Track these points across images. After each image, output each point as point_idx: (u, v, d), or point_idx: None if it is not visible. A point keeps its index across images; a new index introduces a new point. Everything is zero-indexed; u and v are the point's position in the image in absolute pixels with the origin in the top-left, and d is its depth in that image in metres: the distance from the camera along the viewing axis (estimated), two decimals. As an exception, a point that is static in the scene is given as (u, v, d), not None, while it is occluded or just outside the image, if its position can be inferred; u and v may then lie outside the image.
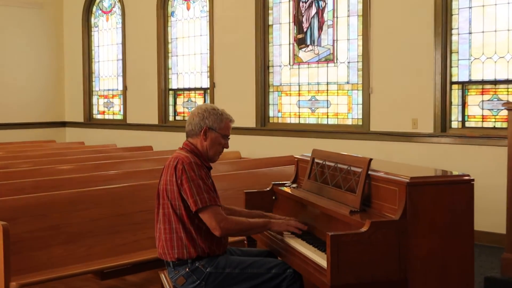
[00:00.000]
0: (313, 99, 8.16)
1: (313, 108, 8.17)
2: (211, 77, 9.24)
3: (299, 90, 8.31)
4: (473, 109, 6.71)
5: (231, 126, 3.44)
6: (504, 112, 6.24)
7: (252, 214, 3.61)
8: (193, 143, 3.38)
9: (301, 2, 8.19)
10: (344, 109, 7.84)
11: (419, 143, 6.98)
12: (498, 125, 6.53)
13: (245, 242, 4.05)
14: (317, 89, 8.11)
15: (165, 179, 3.27)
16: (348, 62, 7.75)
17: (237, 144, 8.10)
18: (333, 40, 7.89)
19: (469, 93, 6.73)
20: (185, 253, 3.23)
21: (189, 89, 9.77)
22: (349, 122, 7.79)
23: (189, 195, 3.16)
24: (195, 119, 3.36)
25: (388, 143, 7.21)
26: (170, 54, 9.99)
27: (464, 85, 6.75)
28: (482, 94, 6.64)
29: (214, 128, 3.35)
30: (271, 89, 8.58)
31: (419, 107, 6.97)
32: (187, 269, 3.25)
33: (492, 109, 6.58)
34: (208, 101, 9.35)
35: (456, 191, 2.91)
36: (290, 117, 8.42)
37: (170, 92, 10.01)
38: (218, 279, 3.24)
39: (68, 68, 11.74)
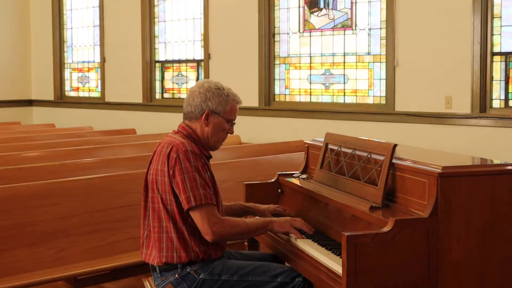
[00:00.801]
0: (327, 73, 8.13)
1: (327, 84, 8.14)
2: (206, 47, 9.20)
3: (310, 63, 8.28)
4: (519, 85, 6.69)
5: (237, 109, 3.44)
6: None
7: (232, 207, 3.63)
8: (192, 127, 3.36)
9: (313, -43, 8.16)
10: (364, 85, 7.81)
11: (454, 125, 6.95)
12: (548, 104, 6.52)
13: (246, 243, 4.05)
14: (332, 61, 8.08)
15: (156, 168, 3.26)
16: (369, 29, 7.71)
17: (236, 127, 8.05)
18: (351, 3, 7.85)
19: (513, 66, 6.72)
20: (175, 257, 3.23)
21: (180, 61, 9.74)
22: (370, 100, 7.76)
23: (182, 190, 3.15)
24: (196, 99, 3.33)
25: (417, 126, 7.18)
26: (156, 20, 9.95)
27: (508, 57, 6.71)
28: (530, 67, 6.62)
29: (218, 112, 3.34)
30: (277, 62, 8.55)
31: (454, 83, 6.94)
32: (176, 275, 3.24)
33: (541, 85, 6.56)
34: (202, 75, 9.33)
35: (497, 183, 2.90)
36: (300, 94, 8.40)
37: (157, 64, 9.98)
38: (213, 288, 3.24)
39: (35, 37, 11.70)
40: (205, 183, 3.20)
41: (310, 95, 8.30)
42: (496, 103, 6.80)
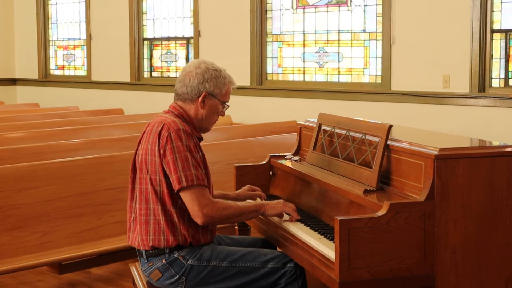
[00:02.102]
0: (321, 51, 8.10)
1: (321, 63, 8.12)
2: (196, 24, 9.16)
3: (304, 40, 8.25)
4: (519, 64, 6.69)
5: (231, 91, 3.43)
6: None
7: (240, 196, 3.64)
8: (185, 108, 3.35)
9: None
10: (360, 63, 7.80)
11: (452, 105, 6.95)
12: (548, 83, 6.52)
13: (236, 228, 4.05)
14: (326, 38, 8.05)
15: (145, 148, 3.24)
16: (365, 6, 7.69)
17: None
18: (347, -22, 7.82)
19: (513, 44, 6.71)
20: (162, 240, 3.21)
21: (169, 39, 9.69)
22: (365, 79, 7.75)
23: (173, 170, 3.14)
24: (193, 80, 3.31)
25: (413, 106, 7.18)
26: (144, -5, 9.91)
27: (508, 34, 6.70)
28: (530, 46, 6.62)
29: (215, 94, 3.33)
30: (269, 39, 8.52)
31: (452, 61, 6.93)
32: (163, 261, 3.23)
33: (542, 64, 6.56)
34: (191, 53, 9.29)
35: (496, 166, 2.88)
36: (293, 73, 8.38)
37: (145, 42, 9.94)
38: (201, 274, 3.22)
39: (18, 13, 11.62)
40: (197, 164, 3.18)
41: (304, 74, 8.28)
42: (495, 82, 6.79)
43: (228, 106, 3.43)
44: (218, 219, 3.21)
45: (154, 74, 9.92)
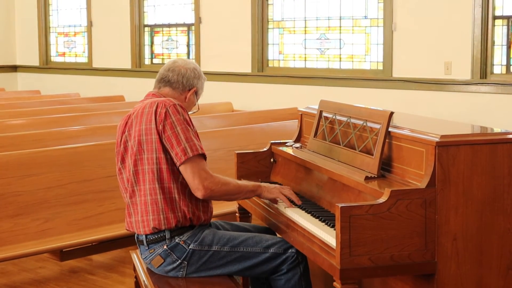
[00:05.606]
0: (322, 38, 8.09)
1: (322, 49, 8.10)
2: (197, 10, 9.14)
3: (305, 27, 8.23)
4: (521, 51, 6.67)
5: None
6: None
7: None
8: (168, 95, 3.40)
9: None
10: (361, 50, 7.78)
11: (453, 92, 6.94)
12: (550, 70, 6.51)
13: (237, 215, 4.05)
14: (327, 25, 8.03)
15: (139, 129, 3.23)
16: (366, -8, 7.67)
17: (228, 93, 8.06)
18: (348, -36, 7.79)
19: (515, 31, 6.69)
20: (162, 219, 3.20)
21: (170, 26, 9.68)
22: (366, 66, 7.74)
23: (176, 142, 3.15)
24: (189, 73, 3.43)
25: (415, 92, 7.17)
26: (145, -19, 9.88)
27: (510, 20, 6.68)
28: (532, 32, 6.60)
29: (199, 93, 3.52)
30: (270, 25, 8.50)
31: (454, 48, 6.91)
32: (165, 246, 3.23)
33: (544, 51, 6.54)
34: (192, 40, 9.28)
35: (497, 152, 2.87)
36: (294, 60, 8.36)
37: (146, 28, 9.92)
38: (202, 259, 3.23)
39: (19, -1, 11.62)
40: (196, 135, 3.25)
41: (305, 60, 8.27)
42: (497, 69, 6.78)
43: (194, 112, 3.59)
44: (217, 193, 3.23)
45: (155, 61, 9.91)
